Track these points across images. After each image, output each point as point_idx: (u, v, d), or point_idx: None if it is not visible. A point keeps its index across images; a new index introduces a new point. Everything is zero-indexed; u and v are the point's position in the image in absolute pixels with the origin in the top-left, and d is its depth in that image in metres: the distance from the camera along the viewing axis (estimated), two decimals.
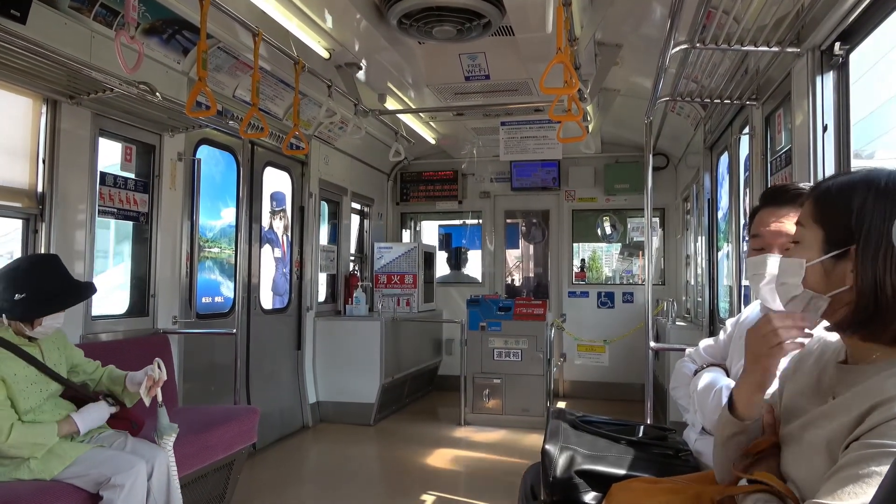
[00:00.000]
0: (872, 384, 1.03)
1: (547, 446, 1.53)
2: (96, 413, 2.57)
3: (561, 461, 1.49)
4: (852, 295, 1.08)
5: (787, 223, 1.62)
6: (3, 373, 2.36)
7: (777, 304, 1.70)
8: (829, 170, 2.42)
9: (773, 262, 1.63)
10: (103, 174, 3.59)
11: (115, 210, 3.71)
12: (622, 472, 1.51)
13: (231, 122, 4.18)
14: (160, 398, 2.63)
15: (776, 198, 1.72)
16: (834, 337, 1.25)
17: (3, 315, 2.44)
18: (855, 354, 1.15)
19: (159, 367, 2.62)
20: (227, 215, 4.85)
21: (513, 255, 7.85)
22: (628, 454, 1.59)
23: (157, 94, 3.10)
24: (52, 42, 2.86)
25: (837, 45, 2.37)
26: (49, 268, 2.60)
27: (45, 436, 2.38)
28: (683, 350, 5.60)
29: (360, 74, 4.62)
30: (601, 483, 1.48)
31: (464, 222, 7.81)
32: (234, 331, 4.03)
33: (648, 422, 3.23)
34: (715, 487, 1.30)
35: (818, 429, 1.08)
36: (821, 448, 1.06)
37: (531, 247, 7.82)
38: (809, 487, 1.06)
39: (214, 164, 4.74)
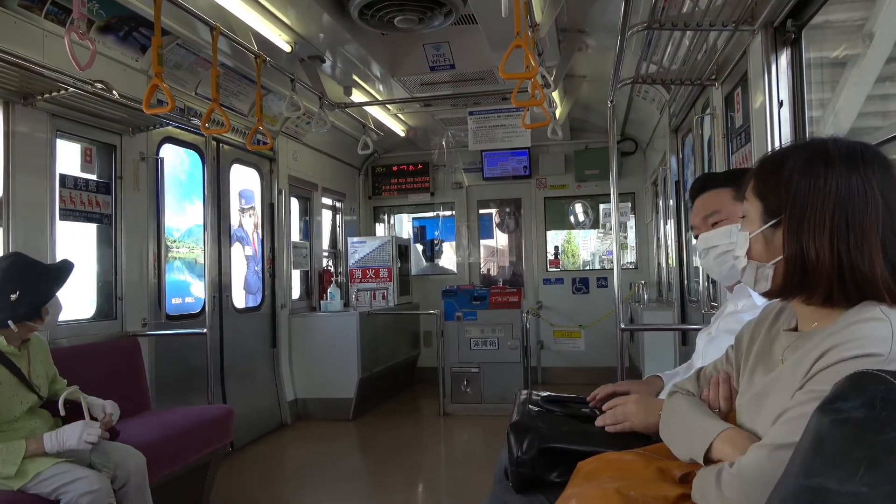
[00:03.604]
0: (815, 345, 1.06)
1: (511, 426, 1.54)
2: (70, 435, 2.38)
3: (525, 440, 1.50)
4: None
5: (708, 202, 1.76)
6: None
7: (723, 278, 1.77)
8: (786, 144, 2.45)
9: (706, 237, 1.73)
10: (63, 176, 3.51)
11: (78, 212, 3.64)
12: (587, 448, 1.51)
13: (193, 119, 4.12)
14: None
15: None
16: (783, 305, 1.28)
17: (11, 322, 2.40)
18: (803, 322, 1.18)
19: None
20: (195, 214, 4.78)
21: (487, 245, 7.87)
22: (593, 431, 1.60)
23: (114, 91, 3.04)
24: (1, 42, 2.80)
25: (789, 21, 2.41)
26: (21, 260, 2.55)
27: (6, 463, 2.30)
28: (653, 330, 5.66)
29: (325, 67, 4.59)
30: (567, 460, 1.48)
31: (437, 214, 7.80)
32: (205, 331, 3.98)
33: None
34: (677, 462, 1.31)
35: (771, 394, 1.11)
36: (774, 413, 1.08)
37: (505, 236, 7.85)
38: None
39: (180, 163, 4.67)
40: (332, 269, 6.85)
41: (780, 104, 2.50)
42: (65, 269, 2.62)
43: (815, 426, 0.78)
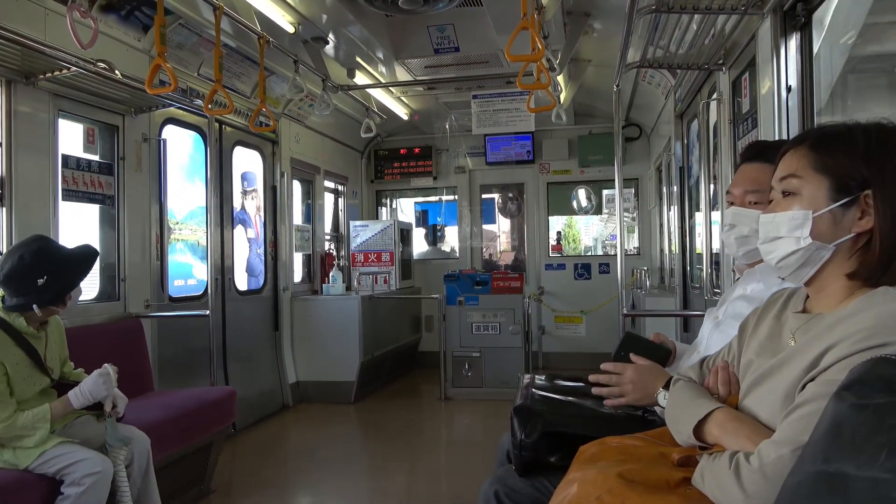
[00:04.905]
0: (827, 328, 1.05)
1: (514, 409, 1.54)
2: (88, 385, 2.45)
3: (529, 424, 1.50)
4: (868, 238, 1.07)
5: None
6: (6, 359, 2.34)
7: (738, 257, 1.69)
8: (794, 130, 2.44)
9: (737, 213, 1.62)
10: (66, 157, 3.50)
11: (80, 193, 3.63)
12: (589, 432, 1.52)
13: (196, 99, 4.10)
14: (108, 408, 2.53)
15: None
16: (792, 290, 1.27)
17: (35, 307, 2.40)
18: (815, 304, 1.17)
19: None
20: (198, 196, 4.77)
21: (489, 230, 7.86)
22: (596, 415, 1.60)
23: (116, 71, 3.02)
24: (3, 21, 2.77)
25: (799, 5, 2.38)
26: (47, 245, 2.54)
27: (37, 427, 2.34)
28: (655, 316, 5.66)
29: (328, 49, 4.56)
30: (569, 444, 1.49)
31: (440, 198, 7.78)
32: (207, 313, 3.99)
33: None
34: (679, 447, 1.31)
35: (778, 375, 1.11)
36: (780, 394, 1.08)
37: (508, 221, 7.83)
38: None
39: (182, 145, 4.65)
40: (335, 253, 6.85)
41: (789, 90, 2.48)
42: (90, 256, 2.62)
43: (833, 411, 0.77)
